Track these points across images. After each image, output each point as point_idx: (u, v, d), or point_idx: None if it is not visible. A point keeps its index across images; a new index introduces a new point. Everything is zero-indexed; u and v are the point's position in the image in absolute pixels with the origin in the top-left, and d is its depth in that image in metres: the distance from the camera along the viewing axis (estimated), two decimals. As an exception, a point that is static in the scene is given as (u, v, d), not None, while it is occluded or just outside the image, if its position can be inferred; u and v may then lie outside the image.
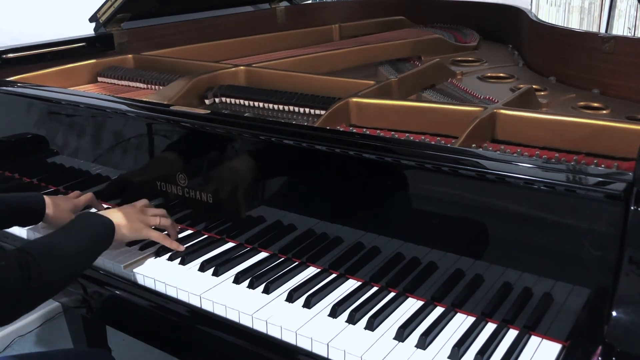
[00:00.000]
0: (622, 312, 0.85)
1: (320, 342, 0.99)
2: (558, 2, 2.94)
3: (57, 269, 1.05)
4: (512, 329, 1.00)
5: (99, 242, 1.16)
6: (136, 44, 2.02)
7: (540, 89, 1.64)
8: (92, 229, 1.16)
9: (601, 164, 1.09)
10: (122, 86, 1.78)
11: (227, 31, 2.21)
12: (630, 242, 0.85)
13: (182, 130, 1.32)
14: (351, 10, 2.62)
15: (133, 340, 1.46)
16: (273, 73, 1.66)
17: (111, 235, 1.17)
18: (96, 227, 1.16)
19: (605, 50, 1.63)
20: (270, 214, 1.24)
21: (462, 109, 1.31)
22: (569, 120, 1.22)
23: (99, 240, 1.16)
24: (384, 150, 1.08)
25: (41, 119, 1.56)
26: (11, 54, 1.75)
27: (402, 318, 1.04)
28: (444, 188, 1.04)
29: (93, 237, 1.15)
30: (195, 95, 1.58)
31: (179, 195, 1.34)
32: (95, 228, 1.16)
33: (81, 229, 1.14)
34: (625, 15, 2.81)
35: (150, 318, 1.23)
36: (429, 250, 1.07)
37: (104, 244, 1.17)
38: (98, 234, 1.16)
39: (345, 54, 1.90)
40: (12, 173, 1.66)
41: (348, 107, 1.38)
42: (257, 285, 1.14)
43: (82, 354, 1.41)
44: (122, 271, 1.22)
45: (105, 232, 1.17)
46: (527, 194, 0.95)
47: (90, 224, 1.16)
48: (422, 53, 2.02)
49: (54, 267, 1.03)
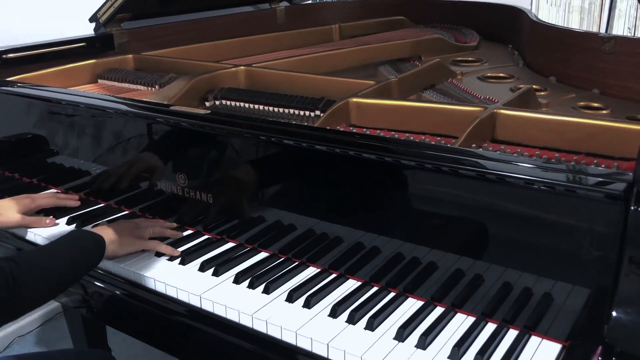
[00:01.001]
0: (622, 312, 0.85)
1: (320, 342, 0.99)
2: (558, 2, 2.94)
3: (43, 281, 1.06)
4: (512, 329, 1.00)
5: (88, 258, 1.16)
6: (136, 44, 2.02)
7: (540, 89, 1.64)
8: (82, 243, 1.16)
9: (601, 164, 1.09)
10: (122, 87, 1.78)
11: (227, 31, 2.21)
12: (630, 242, 0.85)
13: (182, 130, 1.32)
14: (351, 10, 2.62)
15: (133, 340, 1.46)
16: (273, 73, 1.66)
17: (101, 252, 1.18)
18: (86, 243, 1.17)
19: (605, 50, 1.63)
20: (270, 214, 1.24)
21: (462, 109, 1.31)
22: (569, 120, 1.22)
23: (88, 256, 1.16)
24: (384, 150, 1.08)
25: (41, 119, 1.56)
26: (11, 54, 1.75)
27: (402, 318, 1.04)
28: (444, 188, 1.04)
29: (82, 253, 1.15)
30: (195, 95, 1.58)
31: (178, 195, 1.34)
32: (85, 244, 1.17)
33: (71, 244, 1.15)
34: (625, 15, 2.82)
35: (150, 318, 1.23)
36: (429, 250, 1.07)
37: (93, 260, 1.17)
38: (88, 250, 1.16)
39: (345, 54, 1.90)
40: (12, 173, 1.66)
41: (348, 107, 1.38)
42: (257, 285, 1.14)
43: (82, 354, 1.42)
44: (122, 271, 1.22)
45: (95, 247, 1.17)
46: (527, 194, 0.95)
47: (81, 239, 1.18)
48: (422, 53, 2.02)
49: (40, 279, 1.05)
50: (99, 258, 1.18)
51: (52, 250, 1.13)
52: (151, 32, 2.09)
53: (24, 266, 1.02)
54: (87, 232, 1.21)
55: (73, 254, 1.14)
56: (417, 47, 2.03)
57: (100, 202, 1.50)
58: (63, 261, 1.11)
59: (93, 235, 1.19)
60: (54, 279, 1.09)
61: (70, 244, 1.16)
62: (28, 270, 1.02)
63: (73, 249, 1.15)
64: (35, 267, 1.05)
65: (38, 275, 1.05)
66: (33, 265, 1.05)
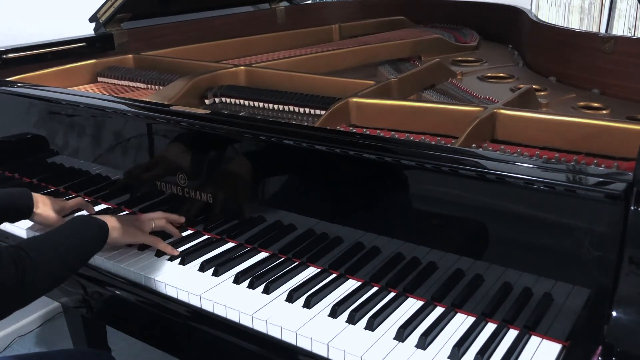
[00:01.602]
0: (622, 312, 0.85)
1: (321, 342, 0.99)
2: (558, 2, 2.94)
3: (51, 265, 1.06)
4: (512, 329, 1.00)
5: (92, 242, 1.17)
6: (136, 44, 2.02)
7: (540, 89, 1.64)
8: (85, 228, 1.17)
9: (601, 164, 1.09)
10: (122, 86, 1.79)
11: (227, 31, 2.21)
12: (630, 242, 0.85)
13: (182, 130, 1.32)
14: (351, 10, 2.62)
15: (133, 340, 1.46)
16: (273, 73, 1.66)
17: (104, 236, 1.19)
18: (89, 228, 1.17)
19: (605, 50, 1.63)
20: (270, 214, 1.24)
21: (462, 109, 1.31)
22: (569, 120, 1.22)
23: (91, 240, 1.17)
24: (384, 150, 1.08)
25: (41, 119, 1.56)
26: (11, 54, 1.75)
27: (402, 318, 1.04)
28: (444, 188, 1.04)
29: (86, 237, 1.15)
30: (195, 95, 1.58)
31: (179, 195, 1.34)
32: (88, 228, 1.17)
33: (74, 229, 1.15)
34: (625, 15, 2.81)
35: (150, 318, 1.23)
36: (429, 250, 1.07)
37: (96, 244, 1.18)
38: (91, 234, 1.17)
39: (345, 54, 1.90)
40: (12, 173, 1.66)
41: (348, 107, 1.38)
42: (257, 285, 1.14)
43: (82, 354, 1.41)
44: (122, 271, 1.22)
45: (98, 233, 1.18)
46: (527, 194, 0.95)
47: (84, 224, 1.18)
48: (422, 53, 2.02)
49: (47, 264, 1.05)
50: (102, 243, 1.18)
51: (57, 238, 1.12)
52: (151, 32, 2.09)
53: (32, 254, 1.02)
54: (90, 218, 1.21)
55: (78, 240, 1.13)
56: (417, 47, 2.03)
57: (101, 203, 1.50)
58: (69, 248, 1.11)
59: (96, 220, 1.19)
60: (60, 266, 1.08)
61: (74, 228, 1.15)
62: (36, 259, 1.02)
63: (78, 235, 1.14)
64: (42, 252, 1.05)
65: (45, 263, 1.04)
66: (41, 254, 1.04)
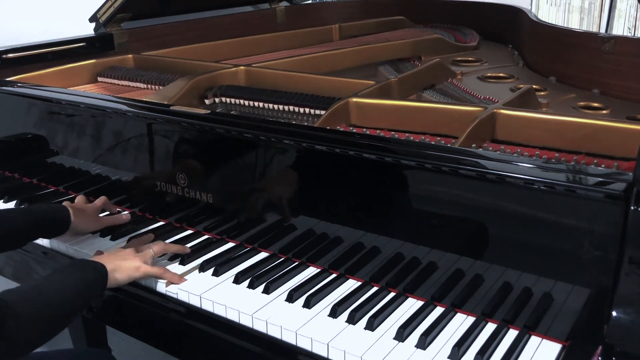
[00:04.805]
0: (622, 312, 0.85)
1: (321, 342, 0.98)
2: (558, 2, 2.94)
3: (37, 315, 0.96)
4: (512, 329, 1.00)
5: (88, 290, 1.07)
6: (136, 44, 2.02)
7: (540, 89, 1.64)
8: (81, 276, 1.06)
9: (601, 164, 1.09)
10: (122, 86, 1.79)
11: (227, 31, 2.21)
12: (630, 242, 0.85)
13: (182, 130, 1.32)
14: (351, 10, 2.62)
15: (133, 340, 1.46)
16: (273, 73, 1.66)
17: (103, 282, 1.08)
18: (86, 274, 1.07)
19: (605, 50, 1.63)
20: (270, 214, 1.24)
21: (462, 109, 1.31)
22: (569, 120, 1.22)
23: (88, 288, 1.07)
24: (384, 150, 1.08)
25: (41, 119, 1.56)
26: (11, 54, 1.75)
27: (402, 318, 1.04)
28: (444, 188, 1.04)
29: (81, 285, 1.05)
30: (195, 95, 1.58)
31: (179, 195, 1.34)
32: (85, 275, 1.07)
33: (68, 275, 1.06)
34: (625, 15, 2.82)
35: (150, 318, 1.23)
36: (429, 250, 1.07)
37: (94, 291, 1.08)
38: (87, 281, 1.07)
39: (345, 54, 1.90)
40: (12, 173, 1.66)
41: (348, 107, 1.38)
42: (257, 285, 1.14)
43: (82, 354, 1.41)
44: (122, 271, 1.22)
45: (96, 279, 1.08)
46: (527, 194, 0.95)
47: (80, 270, 1.08)
48: (422, 53, 2.02)
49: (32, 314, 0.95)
50: (100, 289, 1.09)
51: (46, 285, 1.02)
52: (151, 32, 2.09)
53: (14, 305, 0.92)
54: (88, 262, 1.10)
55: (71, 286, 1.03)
56: (417, 47, 2.03)
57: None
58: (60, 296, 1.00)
59: (95, 264, 1.09)
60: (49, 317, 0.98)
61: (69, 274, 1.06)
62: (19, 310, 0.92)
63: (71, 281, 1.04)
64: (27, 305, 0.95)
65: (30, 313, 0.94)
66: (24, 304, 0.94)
